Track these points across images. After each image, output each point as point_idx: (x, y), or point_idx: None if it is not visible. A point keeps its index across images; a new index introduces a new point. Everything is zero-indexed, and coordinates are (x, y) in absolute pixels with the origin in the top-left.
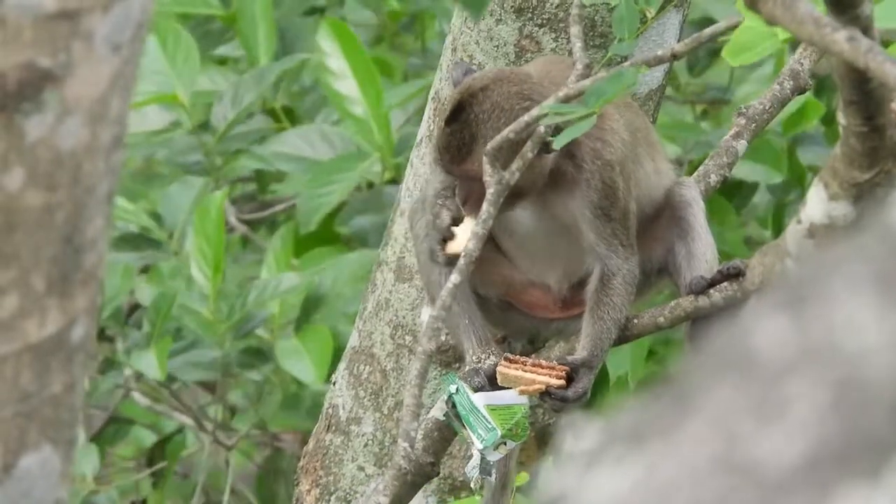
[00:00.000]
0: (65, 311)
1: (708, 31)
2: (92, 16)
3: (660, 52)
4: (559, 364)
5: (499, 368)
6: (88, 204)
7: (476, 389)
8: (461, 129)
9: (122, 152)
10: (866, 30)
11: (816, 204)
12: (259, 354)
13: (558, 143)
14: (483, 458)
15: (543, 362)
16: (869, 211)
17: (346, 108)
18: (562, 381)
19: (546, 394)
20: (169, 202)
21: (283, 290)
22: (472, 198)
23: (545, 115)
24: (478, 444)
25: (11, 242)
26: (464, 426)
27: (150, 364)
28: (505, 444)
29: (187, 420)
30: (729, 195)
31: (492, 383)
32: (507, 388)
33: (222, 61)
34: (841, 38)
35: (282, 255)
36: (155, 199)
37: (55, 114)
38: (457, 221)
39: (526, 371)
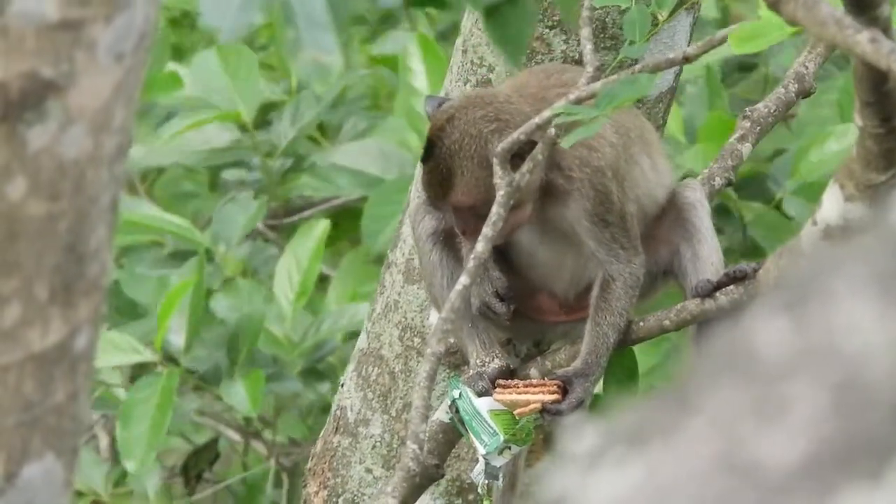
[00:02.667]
0: (68, 321)
1: (721, 33)
2: (95, 25)
3: (671, 56)
4: (550, 380)
5: (493, 396)
6: (91, 213)
7: (479, 394)
8: (437, 165)
9: (125, 162)
10: (885, 31)
11: (832, 205)
12: (316, 374)
13: (567, 143)
14: (488, 464)
15: (535, 381)
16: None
17: (421, 127)
18: (556, 396)
19: (543, 411)
20: (223, 218)
21: (357, 321)
22: (469, 228)
23: (556, 117)
24: (481, 450)
25: (14, 251)
26: (467, 431)
27: (240, 398)
28: (509, 448)
29: (234, 435)
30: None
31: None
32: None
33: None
34: (863, 39)
35: (347, 282)
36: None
37: (58, 123)
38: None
39: (519, 393)
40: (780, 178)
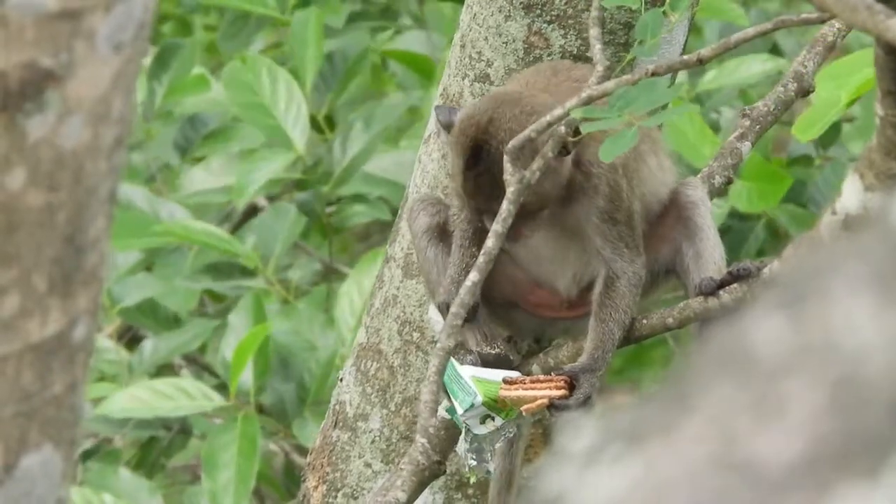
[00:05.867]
0: (66, 311)
1: (736, 36)
2: (94, 15)
3: (685, 57)
4: (557, 375)
5: (500, 393)
6: (90, 204)
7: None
8: (487, 168)
9: (124, 152)
10: None
11: (852, 195)
12: None
13: (605, 155)
14: (470, 433)
15: (542, 377)
16: None
17: None
18: (563, 392)
19: (551, 406)
20: (264, 230)
21: None
22: (517, 231)
23: (566, 115)
24: (459, 410)
25: (13, 242)
26: (449, 398)
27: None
28: (492, 418)
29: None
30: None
31: (486, 367)
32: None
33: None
34: (895, 24)
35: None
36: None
37: (57, 113)
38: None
39: (526, 389)
40: (822, 200)
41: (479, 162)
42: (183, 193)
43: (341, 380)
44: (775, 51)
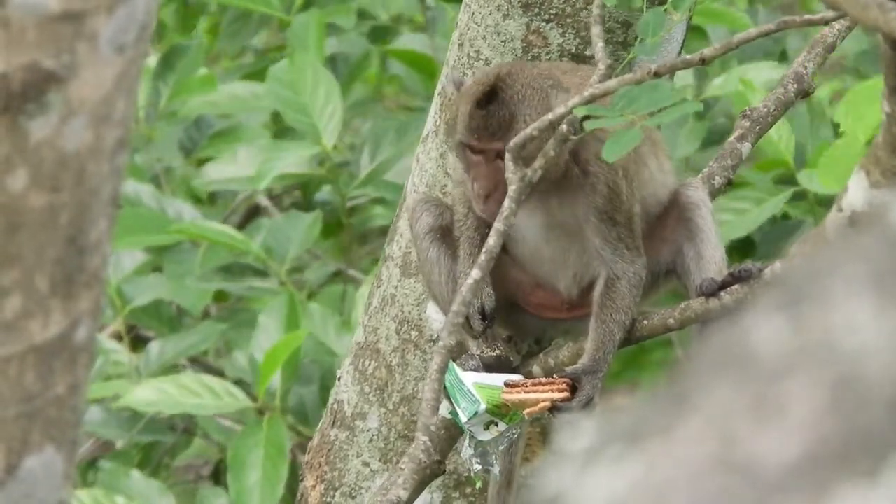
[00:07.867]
0: (68, 313)
1: (738, 37)
2: (96, 17)
3: (688, 56)
4: (559, 377)
5: (502, 396)
6: (92, 205)
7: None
8: (499, 108)
9: (126, 154)
10: None
11: (858, 191)
12: None
13: (608, 155)
14: (474, 439)
15: (543, 379)
16: None
17: None
18: (565, 394)
19: (553, 409)
20: (279, 234)
21: None
22: (495, 192)
23: (569, 113)
24: (463, 418)
25: (15, 243)
26: (451, 403)
27: None
28: (496, 424)
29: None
30: None
31: (487, 370)
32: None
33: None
34: None
35: None
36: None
37: (59, 115)
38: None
39: (528, 392)
40: None
41: (492, 100)
42: (203, 180)
43: (339, 379)
44: (784, 57)
